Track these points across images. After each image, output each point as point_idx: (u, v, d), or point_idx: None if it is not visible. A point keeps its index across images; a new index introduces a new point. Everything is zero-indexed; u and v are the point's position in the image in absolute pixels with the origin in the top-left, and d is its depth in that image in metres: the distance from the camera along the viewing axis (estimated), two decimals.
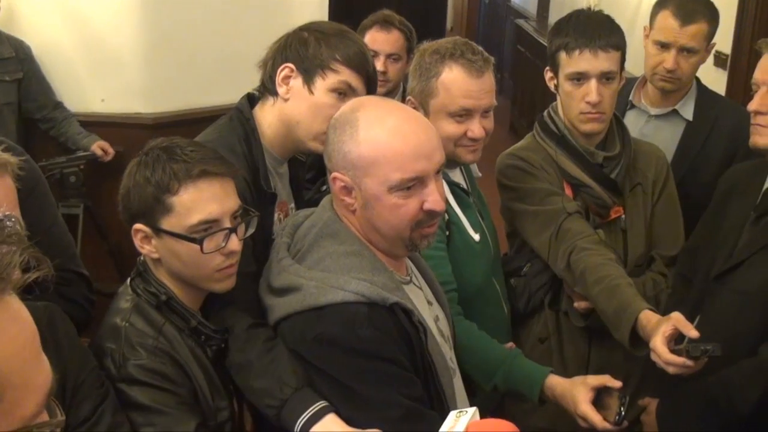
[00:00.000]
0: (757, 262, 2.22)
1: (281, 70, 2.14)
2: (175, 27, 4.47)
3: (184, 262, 1.80)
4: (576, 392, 1.92)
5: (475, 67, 2.25)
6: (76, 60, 4.46)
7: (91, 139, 4.38)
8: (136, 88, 4.51)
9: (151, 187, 1.77)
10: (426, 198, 1.76)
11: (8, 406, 0.78)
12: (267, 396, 1.74)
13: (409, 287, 1.90)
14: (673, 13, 2.84)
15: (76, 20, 4.43)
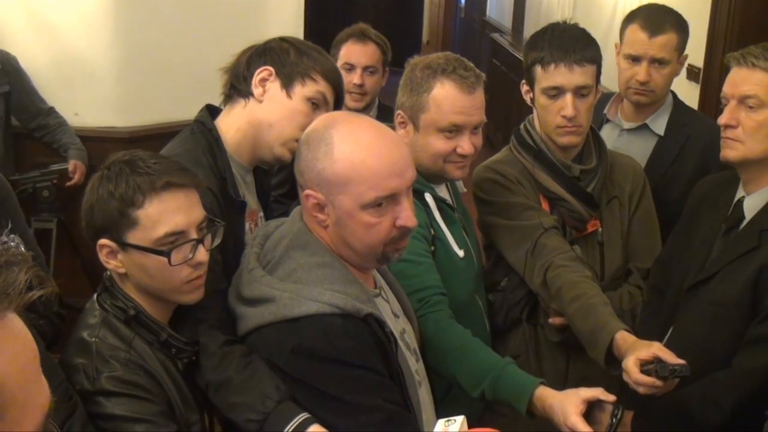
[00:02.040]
0: (729, 273, 2.23)
1: (259, 72, 2.16)
2: (149, 41, 4.47)
3: (151, 276, 1.80)
4: (567, 404, 1.90)
5: (467, 84, 2.25)
6: (49, 74, 4.45)
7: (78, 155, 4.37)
8: (110, 102, 4.51)
9: (115, 201, 1.76)
10: (398, 215, 1.79)
11: (9, 425, 0.78)
12: (248, 411, 1.74)
13: (377, 300, 1.91)
14: (641, 26, 2.87)
15: (48, 34, 4.43)
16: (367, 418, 1.72)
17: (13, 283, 0.80)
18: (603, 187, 2.62)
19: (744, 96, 2.16)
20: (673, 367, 1.98)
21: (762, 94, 2.14)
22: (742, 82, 2.17)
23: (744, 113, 2.17)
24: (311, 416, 1.70)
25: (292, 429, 1.68)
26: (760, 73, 2.13)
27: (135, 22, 4.42)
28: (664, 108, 2.98)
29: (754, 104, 2.15)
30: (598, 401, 1.91)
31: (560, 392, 1.96)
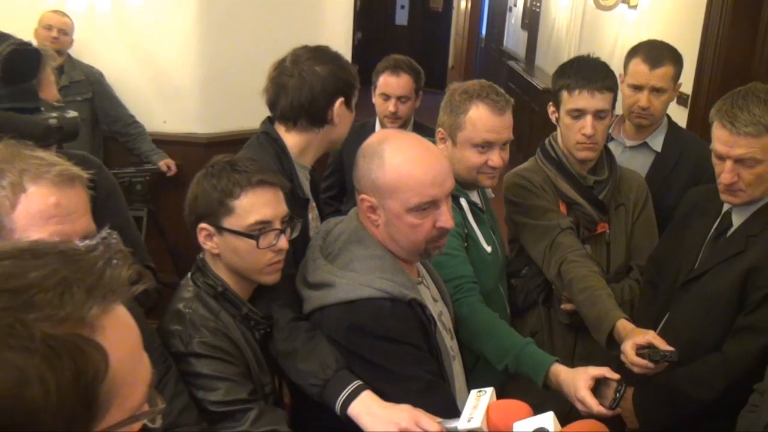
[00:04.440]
0: (718, 272, 2.22)
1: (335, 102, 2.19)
2: (226, 62, 4.47)
3: (241, 257, 1.82)
4: (578, 380, 1.89)
5: (498, 107, 2.25)
6: (144, 88, 4.49)
7: (160, 156, 4.42)
8: (193, 113, 4.52)
9: (216, 192, 1.80)
10: (438, 218, 1.79)
11: (121, 400, 0.78)
12: (311, 377, 1.73)
13: (420, 287, 1.91)
14: (643, 59, 2.83)
15: (144, 56, 4.46)
16: (409, 386, 1.73)
17: (118, 279, 0.79)
18: (612, 195, 2.61)
19: (739, 158, 2.10)
20: (664, 353, 2.01)
21: (757, 153, 2.07)
22: (734, 145, 2.09)
23: (741, 169, 2.12)
24: (363, 383, 1.71)
25: (347, 394, 1.69)
26: (750, 138, 2.06)
27: (214, 47, 4.44)
28: (661, 129, 2.94)
29: (750, 163, 2.10)
30: (605, 378, 1.89)
31: (572, 369, 1.95)
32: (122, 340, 0.79)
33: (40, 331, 0.71)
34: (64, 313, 0.73)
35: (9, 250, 0.77)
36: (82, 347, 0.74)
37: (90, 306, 0.75)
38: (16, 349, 0.69)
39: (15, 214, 1.41)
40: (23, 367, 0.69)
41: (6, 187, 1.41)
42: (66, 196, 1.45)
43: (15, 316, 0.71)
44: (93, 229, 1.50)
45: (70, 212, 1.46)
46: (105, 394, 0.75)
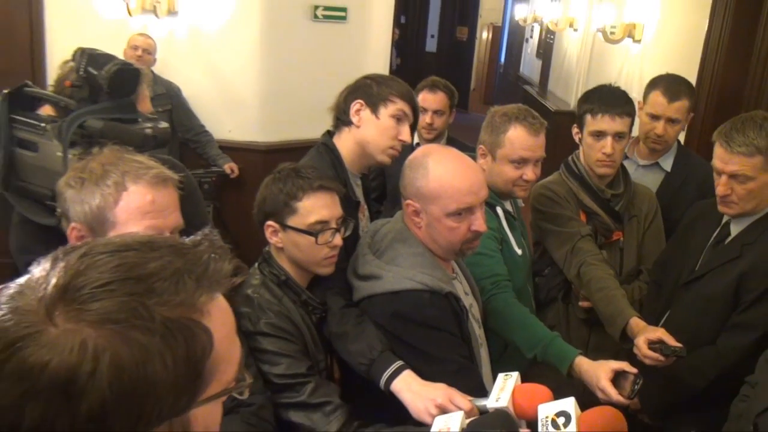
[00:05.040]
0: (716, 275, 2.22)
1: (353, 106, 2.17)
2: (283, 80, 4.48)
3: (301, 251, 1.84)
4: (599, 371, 1.87)
5: (534, 128, 2.23)
6: (213, 101, 4.51)
7: (225, 160, 4.45)
8: (254, 123, 4.53)
9: (282, 195, 1.83)
10: (473, 222, 1.80)
11: (220, 375, 0.77)
12: (359, 356, 1.74)
13: (455, 282, 1.91)
14: (662, 92, 2.77)
15: (213, 73, 4.48)
16: (444, 368, 1.73)
17: (220, 271, 0.78)
18: (626, 207, 2.59)
19: (733, 173, 2.11)
20: (674, 348, 2.02)
21: (748, 171, 2.08)
22: (729, 162, 2.10)
23: (735, 184, 2.13)
24: (404, 364, 1.71)
25: (390, 372, 1.69)
26: (743, 156, 2.07)
27: (273, 68, 4.44)
28: (672, 151, 2.89)
29: (742, 179, 2.10)
30: (623, 371, 1.86)
31: (594, 362, 1.93)
32: (223, 323, 0.79)
33: (159, 314, 0.71)
34: (178, 299, 0.73)
35: (131, 243, 0.77)
36: (193, 329, 0.74)
37: (200, 294, 0.75)
38: (140, 329, 0.70)
39: (117, 209, 1.42)
40: (146, 345, 0.69)
41: (110, 185, 1.42)
42: (160, 194, 1.46)
43: (139, 300, 0.71)
44: (181, 224, 1.51)
45: (163, 209, 1.47)
46: (208, 369, 0.75)
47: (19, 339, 0.68)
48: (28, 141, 1.71)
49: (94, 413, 0.67)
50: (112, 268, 0.72)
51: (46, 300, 0.70)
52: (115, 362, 0.68)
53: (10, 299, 0.73)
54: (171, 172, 1.50)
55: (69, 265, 0.73)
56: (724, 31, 4.01)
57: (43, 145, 1.68)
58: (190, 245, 0.79)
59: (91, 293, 0.70)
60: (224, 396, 0.80)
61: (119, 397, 0.68)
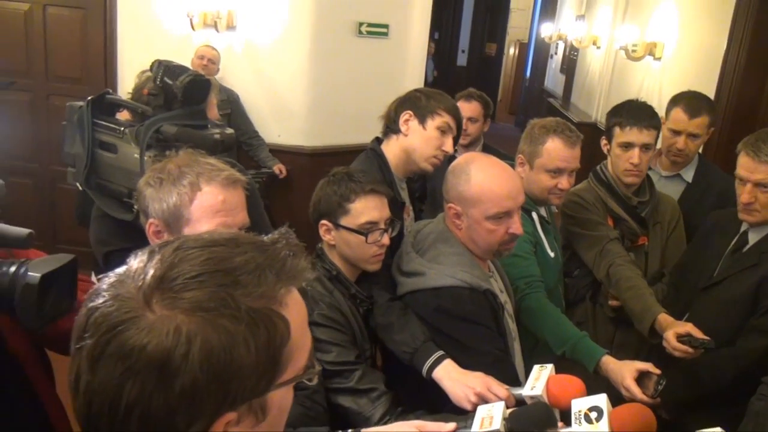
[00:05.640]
0: (735, 280, 2.18)
1: (403, 116, 2.19)
2: (330, 89, 4.49)
3: (352, 248, 1.83)
4: (625, 370, 1.85)
5: (571, 141, 2.21)
6: (264, 109, 4.53)
7: (274, 162, 4.47)
8: (301, 129, 4.55)
9: (336, 196, 1.83)
10: (511, 225, 1.80)
11: (294, 362, 0.78)
12: (404, 345, 1.74)
13: (491, 280, 1.90)
14: (683, 109, 2.71)
15: (266, 83, 4.50)
16: (482, 359, 1.72)
17: (297, 267, 0.79)
18: (651, 214, 2.55)
19: (758, 182, 2.08)
20: (702, 341, 1.98)
21: None
22: (755, 171, 2.07)
23: (759, 193, 2.09)
24: (445, 354, 1.70)
25: (432, 361, 1.69)
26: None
27: (320, 78, 4.45)
28: (693, 163, 2.83)
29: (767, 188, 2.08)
30: (648, 372, 1.84)
31: (619, 361, 1.90)
32: (298, 314, 0.79)
33: (244, 304, 0.72)
34: (260, 291, 0.74)
35: (218, 239, 0.78)
36: (273, 318, 0.75)
37: (279, 287, 0.76)
38: (227, 317, 0.71)
39: (192, 208, 1.43)
40: (233, 332, 0.71)
41: (186, 186, 1.43)
42: (230, 195, 1.47)
43: (226, 291, 0.72)
44: (247, 222, 1.52)
45: (233, 208, 1.47)
46: (285, 356, 0.76)
47: (120, 323, 0.70)
48: (108, 143, 1.73)
49: (187, 392, 0.69)
50: (203, 261, 0.74)
51: (144, 288, 0.72)
52: (206, 346, 0.69)
53: (111, 287, 0.74)
54: (240, 174, 1.51)
55: (164, 257, 0.74)
56: (742, 50, 3.92)
57: (121, 147, 1.71)
58: (269, 242, 0.80)
59: (184, 283, 0.72)
60: (297, 381, 0.80)
61: (209, 377, 0.69)
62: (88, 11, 4.40)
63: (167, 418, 0.69)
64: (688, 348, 1.99)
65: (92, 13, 4.41)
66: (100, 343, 0.70)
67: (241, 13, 4.37)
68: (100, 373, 0.69)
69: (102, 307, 0.72)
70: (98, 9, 4.38)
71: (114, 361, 0.69)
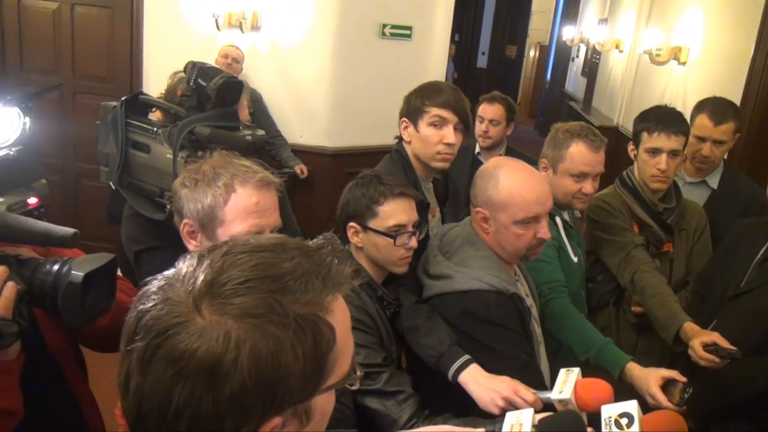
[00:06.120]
0: (764, 290, 2.13)
1: (401, 124, 2.20)
2: (351, 91, 4.51)
3: (380, 251, 1.82)
4: (650, 377, 1.83)
5: (595, 145, 2.21)
6: (288, 109, 4.54)
7: (295, 162, 4.48)
8: (323, 130, 4.56)
9: (365, 199, 1.82)
10: (538, 230, 1.78)
11: (338, 368, 0.79)
12: (430, 349, 1.73)
13: (517, 284, 1.88)
14: (708, 116, 2.69)
15: (289, 84, 4.52)
16: (509, 364, 1.70)
17: (342, 273, 0.79)
18: (677, 221, 2.53)
19: None
20: (729, 351, 1.95)
21: None
22: None
23: None
24: (471, 358, 1.69)
25: (458, 365, 1.68)
26: None
27: (343, 79, 4.47)
28: (719, 169, 2.81)
29: None
30: (673, 380, 1.82)
31: (645, 368, 1.88)
32: (342, 321, 0.80)
33: (292, 311, 0.73)
34: (307, 298, 0.75)
35: (265, 244, 0.78)
36: (319, 325, 0.75)
37: (326, 294, 0.77)
38: (275, 324, 0.71)
39: (226, 209, 1.44)
40: (281, 338, 0.71)
41: (221, 187, 1.44)
42: (264, 197, 1.48)
43: (274, 297, 0.73)
44: (280, 224, 1.52)
45: (266, 209, 1.48)
46: (330, 362, 0.77)
47: (170, 327, 0.71)
48: (141, 143, 1.75)
49: (235, 397, 0.69)
50: (251, 267, 0.74)
51: (194, 293, 0.72)
52: (254, 352, 0.70)
53: (160, 290, 0.75)
54: (274, 176, 1.52)
55: (213, 262, 0.75)
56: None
57: (154, 147, 1.72)
58: (315, 248, 0.80)
59: (233, 289, 0.72)
60: (340, 386, 0.81)
61: (257, 382, 0.70)
62: (115, 10, 4.45)
63: (216, 421, 0.70)
64: (714, 358, 1.96)
65: (119, 13, 4.45)
66: (151, 346, 0.71)
67: (266, 13, 4.39)
68: (150, 375, 0.70)
69: (152, 311, 0.73)
70: (125, 8, 4.43)
71: (164, 365, 0.70)
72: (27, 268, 1.12)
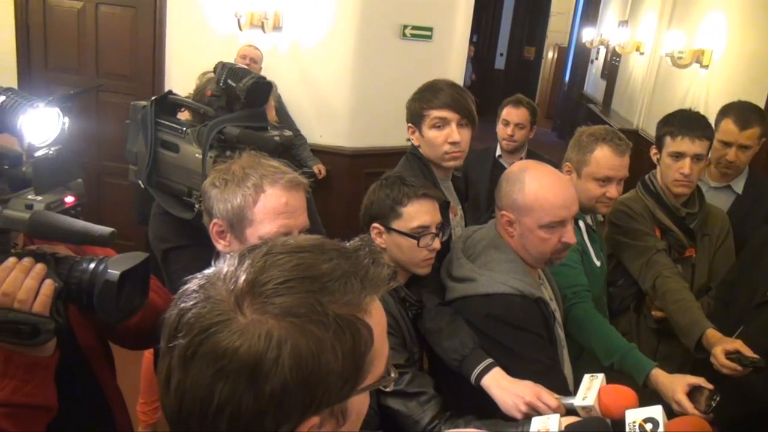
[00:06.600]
0: None
1: (408, 130, 2.20)
2: (371, 92, 4.51)
3: (403, 252, 1.83)
4: (676, 384, 1.81)
5: (620, 149, 2.20)
6: (308, 110, 4.56)
7: (314, 162, 4.49)
8: (343, 131, 4.57)
9: (389, 200, 1.82)
10: (564, 234, 1.77)
11: (374, 369, 0.79)
12: (452, 352, 1.73)
13: (541, 287, 1.87)
14: (733, 120, 2.67)
15: (310, 86, 4.53)
16: (532, 368, 1.69)
17: (380, 275, 0.80)
18: (700, 226, 2.51)
19: None
20: (752, 360, 1.93)
21: None
22: None
23: None
24: (494, 361, 1.68)
25: (481, 368, 1.67)
26: None
27: (364, 79, 4.48)
28: (743, 174, 2.79)
29: None
30: (699, 387, 1.79)
31: (670, 375, 1.86)
32: (379, 322, 0.80)
33: (332, 311, 0.73)
34: (347, 299, 0.75)
35: (304, 245, 0.79)
36: (358, 326, 0.76)
37: (364, 295, 0.77)
38: (316, 324, 0.72)
39: (255, 209, 1.45)
40: (321, 338, 0.72)
41: (250, 187, 1.45)
42: (293, 197, 1.49)
43: (315, 297, 0.73)
44: (308, 224, 1.53)
45: (294, 210, 1.49)
46: (367, 363, 0.77)
47: (213, 324, 0.72)
48: (170, 143, 1.76)
49: (276, 395, 0.70)
50: (292, 267, 0.75)
51: (236, 292, 0.73)
52: (295, 351, 0.71)
53: (201, 289, 0.76)
54: (302, 177, 1.53)
55: (254, 262, 0.76)
56: None
57: (183, 146, 1.74)
58: (352, 249, 0.81)
59: (274, 288, 0.73)
60: (375, 387, 0.81)
61: (297, 382, 0.70)
62: (139, 10, 4.50)
63: (256, 419, 0.71)
64: (736, 366, 1.94)
65: (143, 12, 4.50)
66: (193, 343, 0.72)
67: (288, 14, 4.42)
68: (192, 372, 0.72)
69: (194, 308, 0.74)
70: (149, 8, 4.47)
71: (206, 362, 0.71)
72: (64, 266, 1.14)
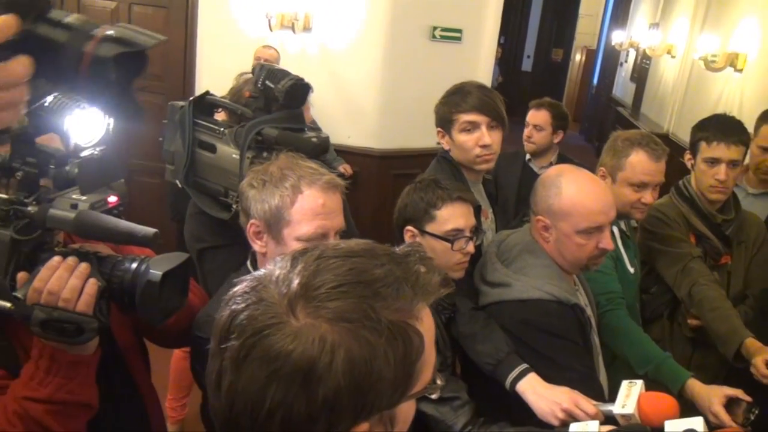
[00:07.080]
0: None
1: (438, 134, 2.19)
2: (400, 93, 4.50)
3: (437, 255, 1.79)
4: (713, 395, 1.78)
5: (656, 154, 2.17)
6: (337, 111, 4.56)
7: (339, 162, 4.48)
8: (371, 132, 4.57)
9: (423, 203, 1.81)
10: (601, 240, 1.75)
11: (423, 376, 0.78)
12: (487, 356, 1.71)
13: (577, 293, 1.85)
14: None
15: (339, 87, 4.53)
16: (568, 375, 1.67)
17: (430, 282, 0.79)
18: (736, 233, 2.47)
19: None
20: None
21: None
22: None
23: None
24: (529, 366, 1.67)
25: (516, 373, 1.65)
26: None
27: (393, 81, 4.47)
28: None
29: None
30: (737, 399, 1.76)
31: (707, 386, 1.84)
32: (429, 329, 0.80)
33: (384, 317, 0.73)
34: (399, 305, 0.75)
35: (356, 249, 0.79)
36: (409, 332, 0.75)
37: (416, 301, 0.77)
38: (369, 329, 0.72)
39: (293, 210, 1.46)
40: (374, 344, 0.72)
41: (288, 188, 1.46)
42: (330, 199, 1.49)
43: (368, 303, 0.73)
44: (344, 226, 1.53)
45: (331, 211, 1.49)
46: (417, 370, 0.77)
47: (266, 327, 0.72)
48: (207, 143, 1.78)
49: (329, 400, 0.70)
50: (345, 271, 0.75)
51: (289, 295, 0.73)
52: (348, 356, 0.70)
53: (252, 291, 0.76)
54: (339, 179, 1.53)
55: (307, 265, 0.76)
56: None
57: (220, 147, 1.75)
58: (402, 255, 0.80)
59: (327, 293, 0.73)
60: (422, 394, 0.80)
61: (350, 387, 0.70)
62: (171, 10, 4.55)
63: (308, 423, 0.71)
64: None
65: (175, 12, 4.55)
66: (246, 345, 0.72)
67: (318, 15, 4.43)
68: (244, 374, 0.71)
69: (247, 310, 0.74)
70: (181, 8, 4.52)
71: (259, 365, 0.71)
72: (106, 266, 1.15)
